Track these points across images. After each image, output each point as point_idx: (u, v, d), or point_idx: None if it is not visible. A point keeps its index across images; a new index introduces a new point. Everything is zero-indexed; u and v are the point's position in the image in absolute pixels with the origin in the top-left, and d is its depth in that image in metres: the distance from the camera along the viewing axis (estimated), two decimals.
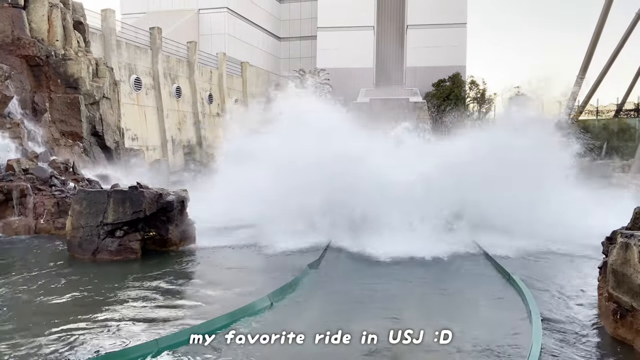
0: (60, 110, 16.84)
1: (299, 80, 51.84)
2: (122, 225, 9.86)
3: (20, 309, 6.76)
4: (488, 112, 47.89)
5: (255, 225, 11.99)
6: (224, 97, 42.62)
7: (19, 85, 15.99)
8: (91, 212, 9.77)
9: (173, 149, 34.72)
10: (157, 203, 10.31)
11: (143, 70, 32.75)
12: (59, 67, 16.99)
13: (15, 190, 12.09)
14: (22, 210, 12.11)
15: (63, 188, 12.74)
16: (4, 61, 15.73)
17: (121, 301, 7.13)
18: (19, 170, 12.82)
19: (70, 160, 14.58)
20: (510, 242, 10.58)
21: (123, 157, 20.07)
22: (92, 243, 9.67)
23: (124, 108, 24.75)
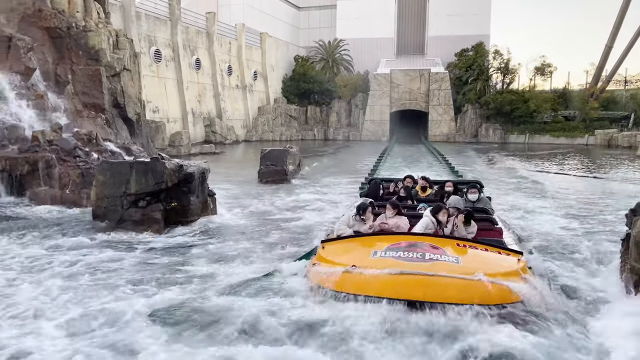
0: (82, 82, 16.99)
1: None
2: (145, 196, 10.02)
3: (60, 276, 7.00)
4: (512, 82, 46.75)
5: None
6: (243, 69, 42.42)
7: (41, 57, 16.14)
8: (115, 183, 9.94)
9: (193, 121, 34.91)
10: (179, 174, 10.43)
11: (163, 42, 32.71)
12: (80, 38, 17.07)
13: (41, 161, 12.34)
14: (48, 180, 12.40)
15: (87, 159, 12.97)
16: (26, 33, 15.86)
17: (147, 267, 7.33)
18: (43, 142, 13.06)
19: (93, 132, 14.77)
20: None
21: (144, 129, 20.26)
22: (116, 213, 9.88)
23: (144, 80, 24.89)
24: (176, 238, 9.34)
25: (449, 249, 5.62)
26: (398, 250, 5.51)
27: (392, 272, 5.01)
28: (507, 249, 5.98)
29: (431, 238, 6.00)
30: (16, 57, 15.07)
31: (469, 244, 5.97)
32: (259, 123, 43.46)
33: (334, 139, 46.22)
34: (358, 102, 47.71)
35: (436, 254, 5.41)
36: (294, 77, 49.19)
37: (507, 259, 5.62)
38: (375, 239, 6.14)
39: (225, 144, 35.71)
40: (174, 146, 28.91)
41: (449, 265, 5.17)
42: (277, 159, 18.15)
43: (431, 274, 4.93)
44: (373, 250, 5.67)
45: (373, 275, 5.08)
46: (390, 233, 6.42)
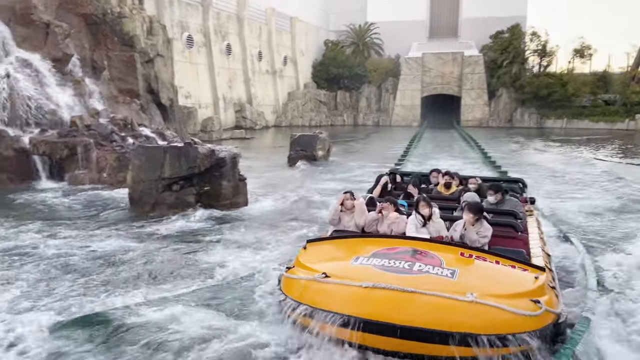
0: (117, 68, 17.38)
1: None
2: (179, 180, 10.26)
3: (98, 258, 7.28)
4: (549, 65, 45.25)
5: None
6: (273, 54, 42.43)
7: (78, 43, 16.57)
8: (150, 167, 10.20)
9: (224, 107, 35.26)
10: (211, 159, 10.62)
11: (195, 28, 33.00)
12: (115, 25, 17.42)
13: (80, 145, 12.76)
14: (86, 164, 12.83)
15: (123, 144, 13.34)
16: (63, 20, 16.28)
17: (185, 249, 7.53)
18: (82, 127, 13.49)
19: (129, 117, 15.15)
20: None
21: (177, 114, 20.62)
22: (151, 196, 10.14)
23: (176, 66, 25.22)
24: (203, 223, 9.51)
25: (448, 259, 4.65)
26: (385, 257, 4.60)
27: (364, 284, 4.06)
28: (526, 262, 4.86)
29: (432, 244, 5.03)
30: (54, 44, 15.51)
31: (476, 253, 4.89)
32: (289, 108, 43.55)
33: (363, 125, 45.93)
34: (388, 86, 47.13)
35: (429, 265, 4.46)
36: (323, 61, 48.91)
37: (521, 275, 4.56)
38: (368, 242, 5.23)
39: (255, 130, 35.98)
40: (206, 131, 29.31)
41: (438, 280, 4.23)
42: (306, 145, 18.21)
43: (410, 290, 3.96)
44: (357, 255, 4.74)
45: (341, 287, 4.19)
46: (385, 236, 5.50)
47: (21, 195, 11.68)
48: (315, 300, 4.21)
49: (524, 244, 5.54)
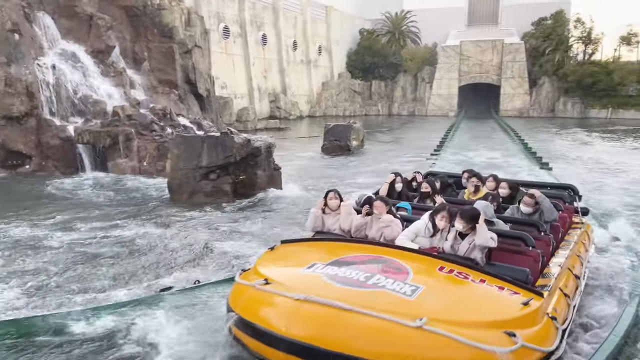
0: (157, 59, 17.79)
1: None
2: (215, 169, 10.48)
3: (138, 244, 7.55)
4: (594, 53, 43.40)
5: None
6: (308, 43, 42.39)
7: (119, 35, 17.03)
8: (188, 156, 10.45)
9: (259, 97, 35.57)
10: (246, 148, 10.79)
11: (231, 19, 33.32)
12: (155, 17, 17.80)
13: (121, 134, 13.18)
14: (127, 153, 13.24)
15: (162, 133, 13.69)
16: (105, 12, 16.74)
17: (218, 236, 7.71)
18: (123, 116, 13.91)
19: (168, 107, 15.51)
20: None
21: (214, 104, 20.96)
22: (189, 184, 10.41)
23: (213, 57, 25.55)
24: (237, 212, 9.67)
25: (419, 273, 3.91)
26: (345, 266, 3.97)
27: (296, 296, 3.49)
28: (520, 284, 3.97)
29: (411, 254, 4.28)
30: (97, 36, 16.00)
31: (460, 269, 4.04)
32: (323, 98, 43.51)
33: (398, 114, 45.42)
34: (425, 75, 46.37)
35: (390, 279, 3.74)
36: (358, 51, 48.53)
37: (505, 300, 3.71)
38: (341, 246, 4.56)
39: (290, 119, 36.16)
40: (241, 121, 29.67)
41: (390, 298, 3.51)
42: (340, 134, 18.19)
43: (346, 307, 3.31)
44: (317, 261, 4.12)
45: (272, 297, 3.68)
46: (366, 241, 4.75)
47: (64, 182, 12.20)
48: (244, 308, 3.75)
49: (534, 261, 4.55)
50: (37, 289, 5.69)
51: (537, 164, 15.98)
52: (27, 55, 13.94)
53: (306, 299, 3.46)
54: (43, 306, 5.21)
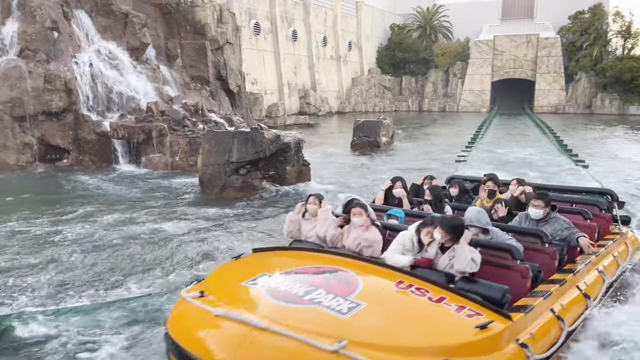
0: (189, 55, 18.09)
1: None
2: (245, 164, 10.61)
3: (168, 234, 7.73)
4: (634, 47, 41.78)
5: None
6: (338, 39, 42.29)
7: (153, 32, 17.38)
8: (218, 151, 10.61)
9: (289, 93, 35.73)
10: (276, 144, 10.88)
11: (262, 15, 33.54)
12: (188, 14, 18.09)
13: (155, 130, 13.49)
14: (160, 148, 13.55)
15: (194, 129, 13.94)
16: (140, 10, 17.11)
17: (245, 230, 7.82)
18: (156, 112, 14.22)
19: (200, 103, 15.77)
20: None
21: (244, 100, 21.17)
22: (219, 179, 10.57)
23: (244, 53, 25.79)
24: (271, 203, 9.76)
25: (368, 288, 3.51)
26: (291, 278, 3.65)
27: (216, 312, 3.23)
28: (487, 304, 3.48)
29: (373, 267, 3.87)
30: (132, 33, 16.38)
31: (420, 284, 3.60)
32: (352, 94, 43.37)
33: (429, 111, 44.87)
34: (456, 71, 45.63)
35: (331, 293, 3.38)
36: (389, 46, 48.12)
37: (458, 322, 3.25)
38: (305, 256, 4.16)
39: (319, 115, 36.20)
40: (271, 117, 29.88)
41: (320, 316, 3.16)
42: (370, 131, 18.11)
43: (262, 326, 2.99)
44: (270, 272, 3.81)
45: (195, 311, 3.41)
46: (334, 252, 4.24)
47: (99, 176, 12.58)
48: (170, 322, 3.51)
49: (521, 277, 4.06)
50: (60, 284, 5.87)
51: (572, 161, 15.52)
52: (65, 52, 14.40)
53: (224, 315, 3.17)
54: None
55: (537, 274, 4.16)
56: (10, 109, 13.16)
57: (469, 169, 13.66)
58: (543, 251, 4.54)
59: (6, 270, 6.17)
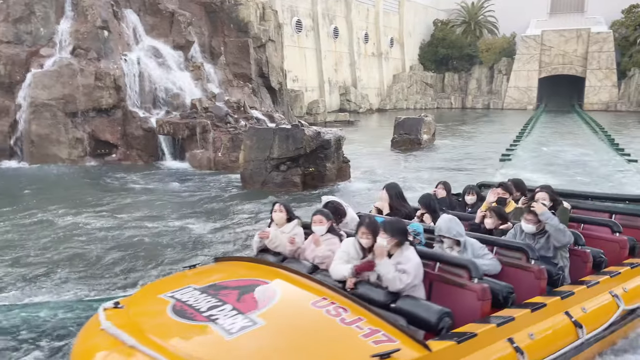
0: (232, 53, 18.40)
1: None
2: (286, 160, 10.72)
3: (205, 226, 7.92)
4: None
5: None
6: (380, 35, 41.96)
7: (198, 30, 17.78)
8: (260, 148, 10.76)
9: (329, 90, 35.76)
10: (316, 141, 10.92)
11: (303, 12, 33.70)
12: (232, 12, 18.40)
13: (199, 126, 13.82)
14: (203, 144, 13.87)
15: (236, 125, 14.19)
16: (185, 9, 17.53)
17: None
18: (200, 109, 14.56)
19: (242, 100, 16.03)
20: None
21: (285, 97, 21.35)
22: (260, 175, 10.72)
23: (285, 50, 26.00)
24: (310, 200, 9.81)
25: (279, 305, 3.21)
26: (210, 292, 3.40)
27: (103, 326, 3.09)
28: (406, 330, 3.03)
29: (298, 280, 3.53)
30: (178, 31, 16.81)
31: (342, 301, 3.20)
32: (393, 91, 42.95)
33: (472, 108, 43.86)
34: (501, 67, 44.37)
35: (235, 310, 3.11)
36: (432, 42, 47.34)
37: (362, 347, 2.85)
38: (249, 267, 3.89)
39: (359, 113, 36.04)
40: (311, 114, 30.00)
41: (203, 336, 2.94)
42: (411, 128, 17.89)
43: (132, 344, 2.82)
44: (197, 284, 3.56)
45: (94, 324, 3.26)
46: (273, 264, 3.97)
47: (144, 171, 12.99)
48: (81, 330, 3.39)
49: (477, 299, 3.48)
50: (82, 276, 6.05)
51: (625, 162, 14.82)
52: (114, 50, 14.94)
53: (107, 329, 3.03)
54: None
55: (508, 295, 3.57)
56: (63, 105, 13.79)
57: (513, 169, 13.28)
58: (527, 269, 3.93)
59: (43, 261, 6.47)
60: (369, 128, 28.88)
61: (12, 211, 8.79)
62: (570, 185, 10.74)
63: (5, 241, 7.20)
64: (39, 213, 8.65)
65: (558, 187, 6.51)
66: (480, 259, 3.91)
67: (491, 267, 3.93)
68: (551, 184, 6.00)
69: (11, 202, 9.40)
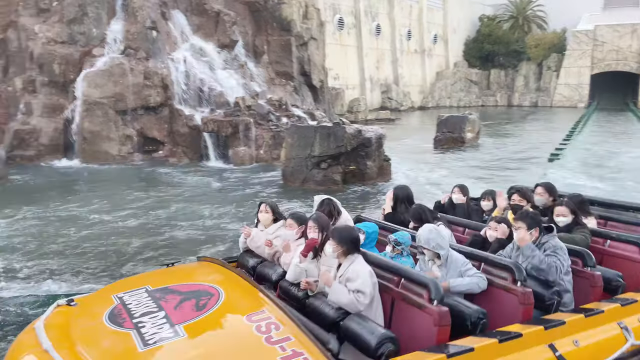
0: (275, 52, 18.60)
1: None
2: (327, 158, 10.76)
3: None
4: None
5: None
6: (423, 32, 41.32)
7: (242, 30, 18.06)
8: (301, 145, 10.84)
9: (371, 88, 35.55)
10: (357, 139, 10.91)
11: (346, 10, 33.63)
12: (275, 11, 18.58)
13: (242, 124, 14.07)
14: (246, 141, 14.11)
15: (278, 123, 14.37)
16: (230, 8, 17.85)
17: None
18: (243, 107, 14.82)
19: (284, 98, 16.20)
20: None
21: (326, 95, 21.39)
22: (301, 173, 10.81)
23: (327, 48, 26.04)
24: (351, 198, 9.81)
25: (213, 316, 3.01)
26: (157, 295, 3.28)
27: (36, 325, 3.08)
28: (325, 353, 2.70)
29: (249, 289, 3.34)
30: (223, 31, 17.15)
31: (279, 318, 2.93)
32: (436, 88, 42.23)
33: (519, 105, 42.51)
34: (551, 63, 42.76)
35: (164, 318, 2.99)
36: (477, 38, 46.18)
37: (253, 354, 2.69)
38: (213, 270, 3.75)
39: (401, 110, 35.66)
40: (352, 112, 29.92)
41: (119, 345, 2.83)
42: (454, 126, 17.57)
43: (46, 347, 2.75)
44: (149, 285, 3.47)
45: (37, 321, 3.23)
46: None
47: (190, 167, 13.34)
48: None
49: (433, 324, 2.99)
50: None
51: None
52: (162, 50, 15.40)
53: (36, 328, 3.00)
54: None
55: (478, 321, 3.07)
56: (114, 103, 14.33)
57: (561, 170, 12.80)
58: (512, 291, 3.36)
59: (81, 252, 6.78)
60: (411, 126, 28.53)
61: (60, 204, 9.26)
62: (619, 191, 9.97)
63: (54, 231, 7.59)
64: (87, 207, 9.07)
65: (604, 193, 5.96)
66: (462, 276, 3.47)
67: (472, 285, 3.42)
68: (598, 189, 5.52)
69: (61, 197, 9.90)
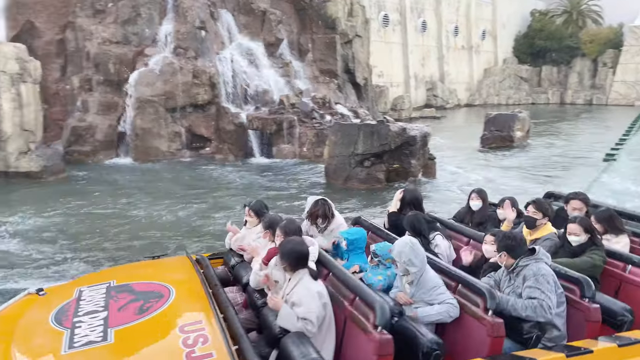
0: (319, 50, 18.68)
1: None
2: (370, 156, 10.73)
3: None
4: None
5: None
6: (471, 28, 40.33)
7: (287, 28, 18.25)
8: (344, 143, 10.86)
9: (415, 85, 35.08)
10: (401, 137, 10.81)
11: (391, 7, 33.31)
12: (320, 9, 18.66)
13: (285, 122, 14.25)
14: (289, 139, 14.28)
15: (321, 121, 14.44)
16: (276, 7, 18.08)
17: None
18: (287, 105, 15.00)
19: (327, 96, 16.27)
20: None
21: (370, 93, 21.29)
22: (344, 170, 10.83)
23: (371, 45, 25.88)
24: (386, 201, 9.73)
25: (150, 322, 2.92)
26: (115, 293, 3.22)
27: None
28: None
29: (198, 294, 3.26)
30: (268, 30, 17.40)
31: (212, 329, 2.83)
32: (484, 86, 41.12)
33: (572, 103, 40.77)
34: (607, 60, 40.74)
35: (104, 319, 2.92)
36: (528, 34, 44.59)
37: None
38: (182, 271, 3.75)
39: (446, 108, 34.98)
40: (396, 110, 29.59)
41: (46, 346, 2.75)
42: (503, 124, 17.09)
43: None
44: (115, 280, 3.46)
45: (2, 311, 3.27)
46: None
47: (235, 164, 13.63)
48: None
49: (372, 352, 2.70)
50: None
51: None
52: (210, 49, 15.79)
53: None
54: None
55: (431, 351, 2.73)
56: (164, 101, 14.83)
57: (614, 174, 12.18)
58: (481, 320, 2.96)
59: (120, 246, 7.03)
60: (457, 124, 27.95)
61: (110, 200, 9.70)
62: None
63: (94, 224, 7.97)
64: (140, 202, 9.45)
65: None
66: (433, 299, 3.14)
67: (443, 315, 3.09)
68: None
69: (113, 192, 10.36)
